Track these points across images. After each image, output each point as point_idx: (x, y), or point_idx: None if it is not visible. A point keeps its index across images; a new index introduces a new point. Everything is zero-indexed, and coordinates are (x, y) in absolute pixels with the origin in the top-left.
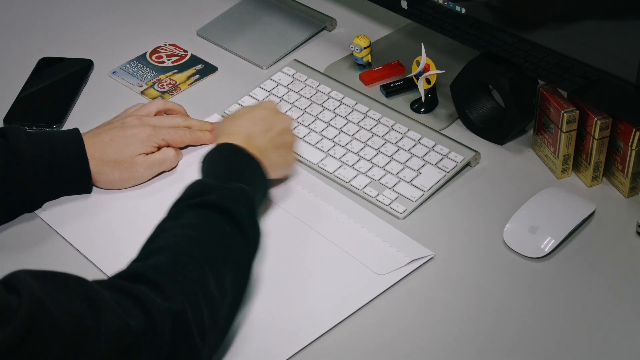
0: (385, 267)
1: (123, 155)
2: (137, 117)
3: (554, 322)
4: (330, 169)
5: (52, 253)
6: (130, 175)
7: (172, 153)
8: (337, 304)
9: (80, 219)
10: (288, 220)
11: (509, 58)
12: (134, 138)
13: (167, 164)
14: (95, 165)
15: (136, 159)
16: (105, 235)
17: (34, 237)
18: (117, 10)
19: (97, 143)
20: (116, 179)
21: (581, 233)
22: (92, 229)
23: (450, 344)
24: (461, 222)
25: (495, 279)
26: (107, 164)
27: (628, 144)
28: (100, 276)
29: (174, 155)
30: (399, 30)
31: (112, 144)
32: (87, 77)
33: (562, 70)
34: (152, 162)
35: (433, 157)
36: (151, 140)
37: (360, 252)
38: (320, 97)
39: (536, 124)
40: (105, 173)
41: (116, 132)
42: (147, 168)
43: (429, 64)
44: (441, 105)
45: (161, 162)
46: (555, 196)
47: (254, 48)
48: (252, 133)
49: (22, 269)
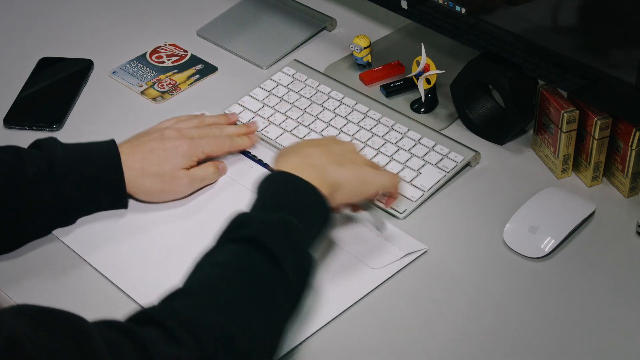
0: (380, 261)
1: (165, 168)
2: (176, 129)
3: (554, 322)
4: None
5: (82, 281)
6: (171, 189)
7: (211, 170)
8: (332, 299)
9: (108, 244)
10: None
11: (509, 58)
12: (175, 151)
13: (207, 180)
14: (134, 176)
15: (178, 173)
16: (135, 261)
17: (62, 263)
18: (117, 10)
19: (136, 154)
20: (156, 191)
21: (581, 233)
22: (121, 254)
23: (450, 344)
24: (461, 222)
25: (495, 279)
26: (148, 175)
27: (628, 144)
28: (132, 306)
29: (214, 173)
30: (399, 30)
31: (153, 156)
32: (87, 77)
33: (562, 70)
34: (193, 177)
35: (433, 157)
36: (191, 153)
37: (354, 246)
38: (320, 97)
39: (536, 124)
40: (145, 185)
41: (156, 144)
42: (188, 184)
43: (429, 64)
44: (441, 105)
45: (202, 179)
46: (555, 196)
47: (254, 48)
48: (309, 154)
49: (24, 303)
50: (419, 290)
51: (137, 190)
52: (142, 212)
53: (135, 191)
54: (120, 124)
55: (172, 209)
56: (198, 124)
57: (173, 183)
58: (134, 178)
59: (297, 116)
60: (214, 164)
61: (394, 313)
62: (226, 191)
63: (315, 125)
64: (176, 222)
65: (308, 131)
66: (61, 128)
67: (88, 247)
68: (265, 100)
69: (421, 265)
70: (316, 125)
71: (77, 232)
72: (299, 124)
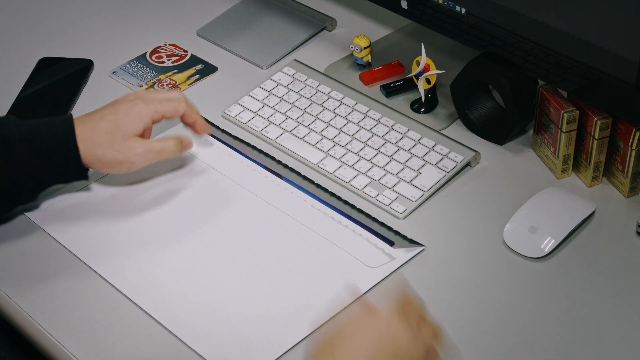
0: (377, 259)
1: (116, 136)
2: (132, 93)
3: (553, 322)
4: (330, 169)
5: (45, 254)
6: (125, 158)
7: (172, 143)
8: (331, 298)
9: (71, 219)
10: (277, 216)
11: (509, 58)
12: (126, 114)
13: (166, 152)
14: (86, 147)
15: (131, 142)
16: (97, 235)
17: (27, 238)
18: (117, 10)
19: (87, 124)
20: (110, 161)
21: (581, 233)
22: (83, 228)
23: (449, 344)
24: (461, 222)
25: (495, 279)
26: (99, 145)
27: (628, 144)
28: (93, 277)
29: (175, 146)
30: (399, 30)
31: (103, 123)
32: (87, 77)
33: (562, 70)
34: (149, 148)
35: (433, 157)
36: (143, 114)
37: (351, 245)
38: (320, 97)
39: (536, 124)
40: (97, 154)
41: (107, 110)
42: (143, 154)
43: (429, 64)
44: (441, 105)
45: (159, 151)
46: (555, 196)
47: (254, 48)
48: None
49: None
50: (419, 290)
51: (92, 161)
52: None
53: (91, 161)
54: None
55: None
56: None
57: (126, 152)
58: (86, 148)
59: (297, 116)
60: (176, 137)
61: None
62: (256, 212)
63: (315, 125)
64: (147, 209)
65: (308, 131)
66: None
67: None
68: (265, 100)
69: (421, 265)
70: (316, 126)
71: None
72: (299, 124)
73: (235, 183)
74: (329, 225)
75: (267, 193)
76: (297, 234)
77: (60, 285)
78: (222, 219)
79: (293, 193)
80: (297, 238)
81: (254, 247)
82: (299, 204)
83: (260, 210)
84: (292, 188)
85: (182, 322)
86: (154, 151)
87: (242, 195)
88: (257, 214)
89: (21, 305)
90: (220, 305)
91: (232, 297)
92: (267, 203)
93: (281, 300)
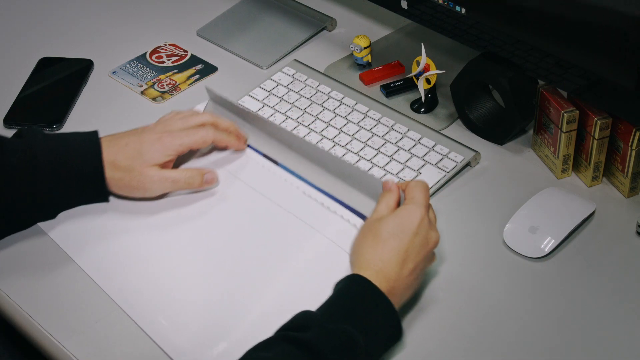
0: None
1: (135, 163)
2: (162, 123)
3: (554, 322)
4: None
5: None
6: (139, 185)
7: (189, 174)
8: (327, 294)
9: (97, 245)
10: (278, 212)
11: (509, 58)
12: (151, 145)
13: (181, 183)
14: (108, 170)
15: (148, 170)
16: (113, 260)
17: (27, 238)
18: (117, 10)
19: (112, 147)
20: (124, 185)
21: (581, 233)
22: (101, 251)
23: (449, 344)
24: (461, 222)
25: (495, 279)
26: (118, 169)
27: (628, 144)
28: (104, 298)
29: (192, 177)
30: (399, 30)
31: (127, 150)
32: (87, 77)
33: (562, 71)
34: (165, 177)
35: (433, 157)
36: (167, 147)
37: (345, 242)
38: (320, 97)
39: (536, 124)
40: (114, 178)
41: (133, 138)
42: (158, 182)
43: (429, 64)
44: (441, 105)
45: (175, 181)
46: (555, 196)
47: (254, 48)
48: (389, 270)
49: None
50: (419, 290)
51: (111, 184)
52: (125, 214)
53: (110, 184)
54: (120, 124)
55: (155, 215)
56: (189, 115)
57: (141, 179)
58: (108, 172)
59: (297, 116)
60: (197, 169)
61: None
62: (227, 190)
63: (316, 125)
64: (167, 223)
65: (308, 131)
66: (61, 128)
67: (77, 247)
68: (265, 100)
69: None
70: (316, 126)
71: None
72: (299, 124)
73: (227, 171)
74: (320, 218)
75: (260, 186)
76: (288, 229)
77: (60, 285)
78: (213, 212)
79: (287, 184)
80: (289, 234)
81: (244, 245)
82: (293, 196)
83: (250, 202)
84: (287, 178)
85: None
86: (169, 181)
87: (232, 185)
88: (248, 205)
89: (21, 305)
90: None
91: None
92: (262, 196)
93: (277, 300)
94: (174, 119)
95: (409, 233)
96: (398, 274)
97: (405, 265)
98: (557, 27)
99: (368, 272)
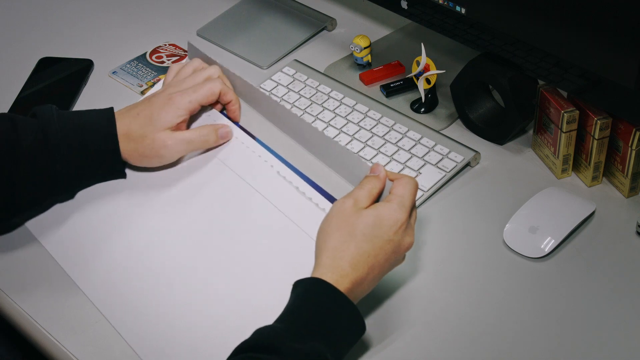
0: None
1: (147, 130)
2: (172, 85)
3: (554, 322)
4: None
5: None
6: (153, 153)
7: (205, 132)
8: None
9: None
10: (248, 191)
11: (509, 58)
12: (161, 108)
13: (198, 142)
14: (122, 143)
15: (160, 135)
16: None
17: (26, 238)
18: (117, 10)
19: (125, 119)
20: (140, 155)
21: (581, 233)
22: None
23: (449, 344)
24: (461, 222)
25: (495, 279)
26: (132, 139)
27: (628, 144)
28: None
29: (208, 135)
30: (399, 30)
31: (138, 119)
32: (87, 77)
33: (562, 71)
34: (180, 139)
35: (433, 157)
36: (179, 106)
37: (312, 228)
38: (320, 97)
39: (536, 124)
40: (129, 150)
41: (143, 105)
42: (174, 146)
43: (429, 64)
44: (441, 105)
45: (190, 141)
46: (555, 196)
47: (254, 48)
48: (355, 276)
49: None
50: (419, 290)
51: (126, 156)
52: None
53: (125, 156)
54: None
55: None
56: (198, 73)
57: (154, 146)
58: (123, 145)
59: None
60: (211, 125)
61: (393, 313)
62: (215, 177)
63: (316, 125)
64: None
65: None
66: None
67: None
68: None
69: (421, 265)
70: (316, 126)
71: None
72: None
73: (227, 168)
74: (291, 197)
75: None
76: (255, 207)
77: (60, 285)
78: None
79: (261, 157)
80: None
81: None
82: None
83: (222, 180)
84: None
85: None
86: (184, 142)
87: (237, 184)
88: (219, 182)
89: (21, 306)
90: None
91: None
92: (257, 194)
93: (269, 297)
94: (182, 79)
95: (384, 238)
96: (363, 279)
97: (372, 271)
98: (557, 27)
99: (334, 276)
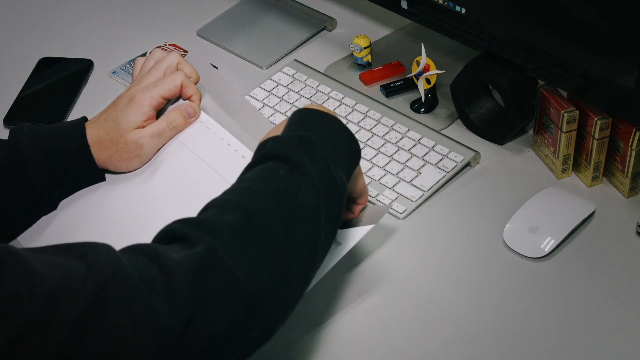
0: (342, 234)
1: (116, 135)
2: (135, 83)
3: (553, 322)
4: None
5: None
6: (129, 155)
7: (171, 118)
8: None
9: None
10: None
11: (509, 58)
12: (124, 109)
13: (167, 132)
14: (95, 151)
15: (130, 136)
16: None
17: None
18: (117, 10)
19: (94, 127)
20: (117, 160)
21: (581, 233)
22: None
23: (449, 344)
24: (461, 222)
25: (495, 279)
26: (106, 147)
27: (628, 144)
28: None
29: (175, 120)
30: (399, 30)
31: (106, 125)
32: (87, 77)
33: (562, 71)
34: (147, 135)
35: (433, 157)
36: (142, 104)
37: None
38: (320, 97)
39: (536, 124)
40: (105, 156)
41: (109, 110)
42: (146, 144)
43: (429, 64)
44: (441, 105)
45: (160, 134)
46: (555, 196)
47: (254, 48)
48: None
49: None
50: (419, 290)
51: (105, 164)
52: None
53: (103, 165)
54: None
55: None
56: (158, 66)
57: (128, 148)
58: (97, 152)
59: None
60: (175, 108)
61: (394, 313)
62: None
63: None
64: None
65: None
66: None
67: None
68: (265, 100)
69: (421, 265)
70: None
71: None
72: None
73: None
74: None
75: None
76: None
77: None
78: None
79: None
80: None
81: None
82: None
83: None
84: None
85: None
86: (155, 136)
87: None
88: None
89: None
90: None
91: None
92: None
93: None
94: (145, 75)
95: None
96: None
97: None
98: (557, 27)
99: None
